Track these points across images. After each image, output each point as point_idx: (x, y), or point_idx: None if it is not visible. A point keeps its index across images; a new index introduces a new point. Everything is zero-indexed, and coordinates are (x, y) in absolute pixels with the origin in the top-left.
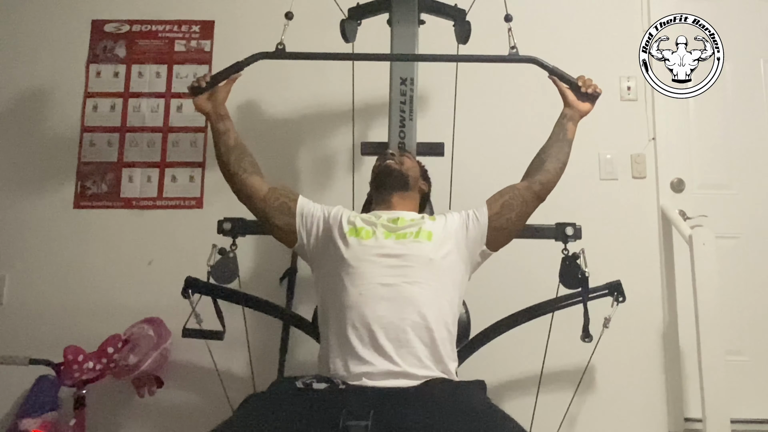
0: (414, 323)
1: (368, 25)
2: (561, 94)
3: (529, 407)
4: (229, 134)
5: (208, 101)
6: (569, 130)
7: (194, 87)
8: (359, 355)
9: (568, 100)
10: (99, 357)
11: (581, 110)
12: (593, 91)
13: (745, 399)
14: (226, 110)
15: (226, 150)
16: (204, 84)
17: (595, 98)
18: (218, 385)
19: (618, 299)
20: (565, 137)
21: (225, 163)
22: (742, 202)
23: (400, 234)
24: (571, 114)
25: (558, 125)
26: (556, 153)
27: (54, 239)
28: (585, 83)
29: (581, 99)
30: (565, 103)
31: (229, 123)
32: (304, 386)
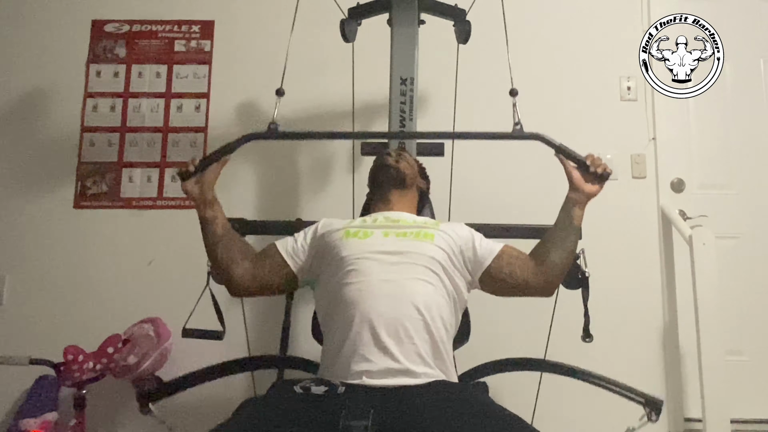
0: (414, 319)
1: (368, 25)
2: (567, 175)
3: (529, 407)
4: (217, 222)
5: (196, 185)
6: (576, 216)
7: (183, 172)
8: (360, 353)
9: (574, 181)
10: (99, 357)
11: (588, 192)
12: (603, 171)
13: (745, 399)
14: (213, 195)
15: (213, 242)
16: (193, 168)
17: (605, 179)
18: (218, 385)
19: (651, 417)
20: (571, 225)
21: (212, 254)
22: (742, 202)
23: (400, 233)
24: (578, 198)
25: (563, 211)
26: (562, 243)
27: (54, 239)
28: (594, 162)
29: (588, 180)
30: (570, 185)
31: (217, 209)
32: (303, 390)
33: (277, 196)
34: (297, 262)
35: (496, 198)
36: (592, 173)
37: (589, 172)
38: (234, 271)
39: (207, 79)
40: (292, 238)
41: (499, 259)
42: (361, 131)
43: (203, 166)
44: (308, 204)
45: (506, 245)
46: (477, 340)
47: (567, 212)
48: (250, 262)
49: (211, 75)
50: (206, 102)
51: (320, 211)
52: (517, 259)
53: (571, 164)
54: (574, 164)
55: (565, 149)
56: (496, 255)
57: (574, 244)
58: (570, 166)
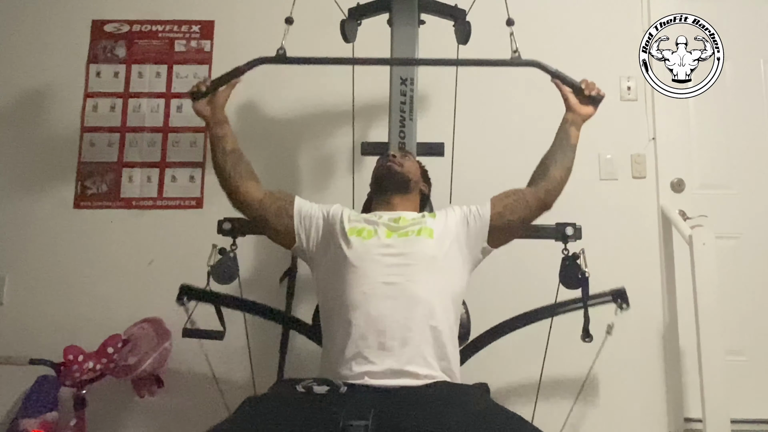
0: (418, 321)
1: (368, 25)
2: (563, 99)
3: (530, 408)
4: (227, 139)
5: (207, 106)
6: (572, 135)
7: (194, 92)
8: (363, 354)
9: (570, 104)
10: (99, 357)
11: (584, 114)
12: (596, 93)
13: (745, 399)
14: (224, 115)
15: (223, 155)
16: (204, 88)
17: (598, 101)
18: (218, 386)
19: (621, 306)
20: (568, 143)
21: (221, 168)
22: (742, 202)
23: (402, 233)
24: (574, 118)
25: (561, 131)
26: (560, 159)
27: (54, 239)
28: (588, 86)
29: (584, 102)
30: (567, 107)
31: (227, 128)
32: (305, 389)
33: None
34: (300, 223)
35: None
36: (587, 96)
37: (584, 95)
38: (241, 185)
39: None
40: (310, 205)
41: (494, 209)
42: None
43: (213, 88)
44: None
45: (492, 197)
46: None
47: (564, 132)
48: (257, 183)
49: (211, 75)
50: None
51: None
52: (508, 197)
53: (567, 89)
54: (570, 89)
55: (561, 75)
56: (490, 206)
57: (571, 161)
58: (566, 90)
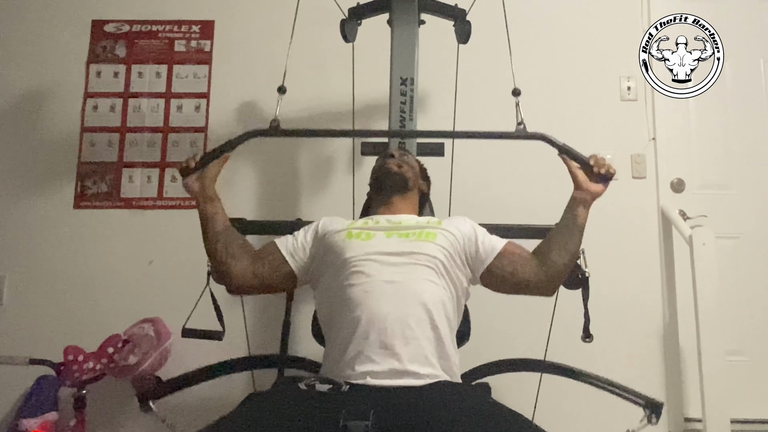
0: (419, 320)
1: (368, 25)
2: (571, 175)
3: (529, 407)
4: (217, 218)
5: (197, 182)
6: (579, 215)
7: (183, 168)
8: (365, 353)
9: (578, 181)
10: (99, 357)
11: (593, 193)
12: (606, 171)
13: (745, 399)
14: (214, 191)
15: (213, 236)
16: (194, 164)
17: (609, 179)
18: (218, 385)
19: (651, 419)
20: (575, 224)
21: (212, 250)
22: (742, 202)
23: (402, 233)
24: (582, 197)
25: (567, 210)
26: (564, 243)
27: (54, 239)
28: (597, 162)
29: (593, 180)
30: (575, 185)
31: (218, 205)
32: (307, 387)
33: (277, 196)
34: (297, 261)
35: (497, 198)
36: (596, 173)
37: (593, 172)
38: (233, 267)
39: (207, 79)
40: (292, 237)
41: (501, 257)
42: (361, 129)
43: (204, 163)
44: (308, 204)
45: (509, 242)
46: (477, 340)
47: (571, 211)
48: (249, 259)
49: (211, 75)
50: (206, 102)
51: (320, 211)
52: (519, 257)
53: (575, 164)
54: (578, 164)
55: (568, 149)
56: (499, 252)
57: (577, 245)
58: (574, 166)
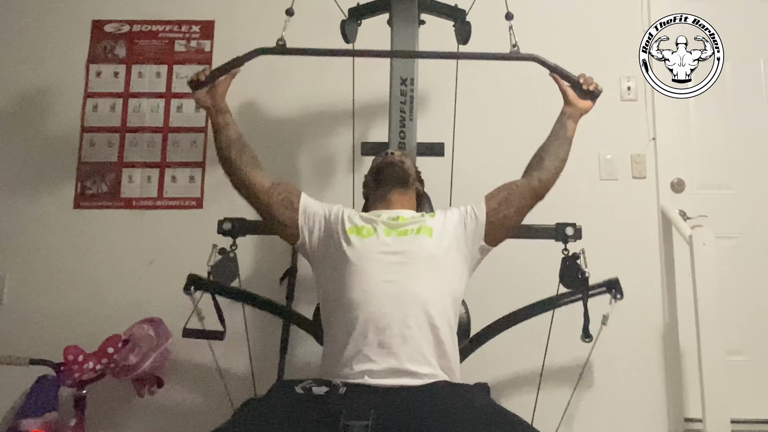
0: (418, 319)
1: (368, 25)
2: (561, 92)
3: (529, 407)
4: (230, 128)
5: (208, 96)
6: (569, 128)
7: (193, 81)
8: (363, 353)
9: (568, 97)
10: (99, 357)
11: (582, 108)
12: (594, 88)
13: (745, 399)
14: (226, 104)
15: (227, 144)
16: (203, 78)
17: (596, 96)
18: (218, 385)
19: (616, 296)
20: (564, 135)
21: (226, 158)
22: (742, 202)
23: (401, 231)
24: (571, 112)
25: (558, 123)
26: (556, 151)
27: (54, 239)
28: (586, 81)
29: (582, 97)
30: (565, 101)
31: (229, 117)
32: (304, 391)
33: None
34: (306, 221)
35: None
36: (585, 90)
37: (582, 89)
38: (248, 173)
39: None
40: (315, 202)
41: (489, 205)
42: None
43: (213, 78)
44: None
45: (485, 195)
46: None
47: (562, 124)
48: (263, 173)
49: None
50: None
51: None
52: (499, 192)
53: (565, 83)
54: (568, 83)
55: (559, 69)
56: (485, 205)
57: (566, 153)
58: (564, 84)
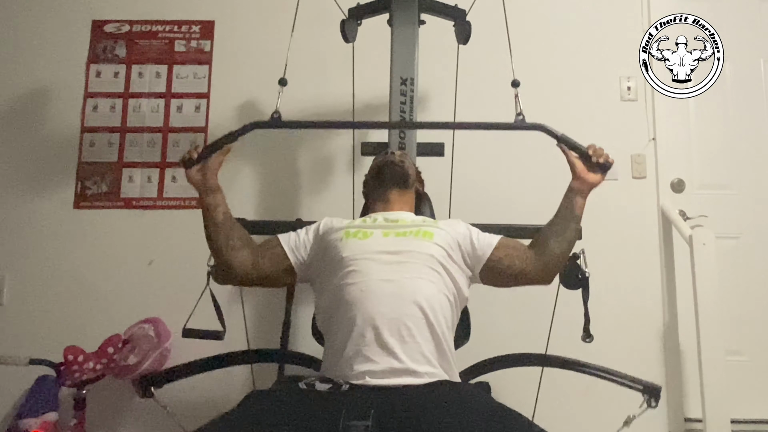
0: (417, 318)
1: (368, 25)
2: (569, 165)
3: (529, 406)
4: (218, 209)
5: (199, 173)
6: (577, 205)
7: (186, 159)
8: (363, 353)
9: (576, 171)
10: (99, 357)
11: (590, 183)
12: (605, 161)
13: (745, 399)
14: (217, 182)
15: (214, 227)
16: (196, 156)
17: (607, 169)
18: (218, 386)
19: (651, 404)
20: (572, 214)
21: (213, 241)
22: (742, 202)
23: (399, 232)
24: (579, 187)
25: (565, 199)
26: (562, 232)
27: (54, 239)
28: (596, 152)
29: (591, 170)
30: (573, 175)
31: (219, 197)
32: (307, 387)
33: (277, 196)
34: (297, 258)
35: (497, 198)
36: (594, 163)
37: (591, 162)
38: (234, 257)
39: (207, 79)
40: (295, 233)
41: (497, 251)
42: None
43: (206, 154)
44: (308, 204)
45: (503, 237)
46: (477, 340)
47: (569, 201)
48: (250, 250)
49: (211, 75)
50: (206, 102)
51: (320, 211)
52: (515, 249)
53: (573, 154)
54: (576, 154)
55: (567, 139)
56: (495, 247)
57: (573, 234)
58: (572, 156)
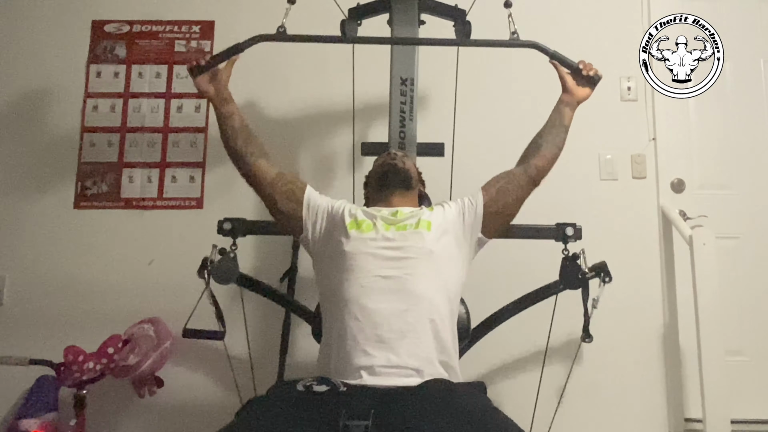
0: (416, 314)
1: (368, 25)
2: (561, 79)
3: (528, 406)
4: (234, 117)
5: (210, 84)
6: (566, 115)
7: (194, 66)
8: (361, 348)
9: (567, 85)
10: (99, 357)
11: (580, 96)
12: (594, 74)
13: (745, 399)
14: (229, 93)
15: (233, 133)
16: (203, 62)
17: (596, 82)
18: (218, 386)
19: (604, 279)
20: (561, 123)
21: (232, 147)
22: (742, 202)
23: (399, 225)
24: (569, 100)
25: (555, 111)
26: (553, 138)
27: (54, 239)
28: (585, 66)
29: (581, 84)
30: (563, 88)
31: (233, 106)
32: (305, 389)
33: None
34: (309, 214)
35: None
36: (584, 77)
37: (582, 76)
38: (254, 163)
39: None
40: (320, 196)
41: (486, 195)
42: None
43: (213, 63)
44: None
45: (482, 186)
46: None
47: (559, 112)
48: (269, 161)
49: None
50: (206, 102)
51: None
52: (497, 181)
53: (565, 69)
54: (568, 70)
55: (559, 55)
56: (482, 195)
57: (562, 141)
58: (563, 71)
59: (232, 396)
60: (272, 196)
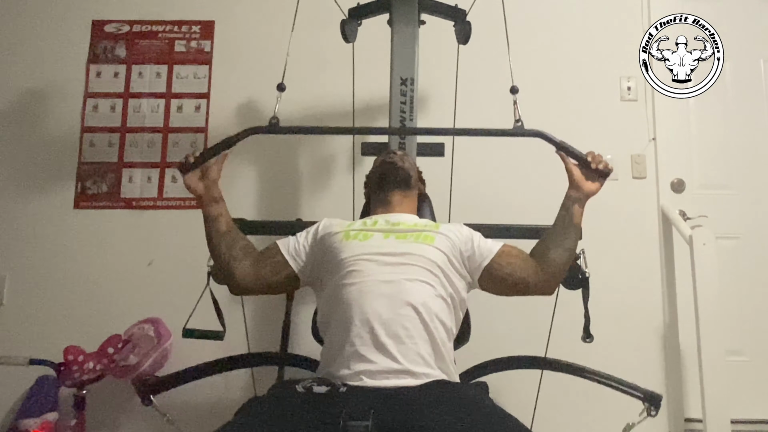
0: (414, 320)
1: (368, 25)
2: (567, 172)
3: (529, 407)
4: (221, 220)
5: (200, 181)
6: (576, 213)
7: (183, 164)
8: (360, 353)
9: (574, 179)
10: (99, 357)
11: (587, 190)
12: (604, 167)
13: (745, 399)
14: (219, 192)
15: (217, 237)
16: (193, 160)
17: (605, 176)
18: (218, 386)
19: (650, 412)
20: (570, 222)
21: (216, 252)
22: (742, 202)
23: (400, 235)
24: (577, 196)
25: (563, 209)
26: (561, 241)
27: (54, 239)
28: (594, 159)
29: (589, 177)
30: (570, 183)
31: (222, 206)
32: (305, 390)
33: (277, 196)
34: (298, 263)
35: (496, 198)
36: (593, 170)
37: (590, 169)
38: (236, 269)
39: (207, 79)
40: (294, 238)
41: (498, 258)
42: (361, 126)
43: (203, 159)
44: (308, 204)
45: (506, 244)
46: (477, 340)
47: (567, 210)
48: (252, 260)
49: (211, 75)
50: (206, 102)
51: (320, 211)
52: (517, 258)
53: (572, 161)
54: (575, 161)
55: (566, 146)
56: (496, 254)
57: (574, 243)
58: (570, 163)
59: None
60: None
